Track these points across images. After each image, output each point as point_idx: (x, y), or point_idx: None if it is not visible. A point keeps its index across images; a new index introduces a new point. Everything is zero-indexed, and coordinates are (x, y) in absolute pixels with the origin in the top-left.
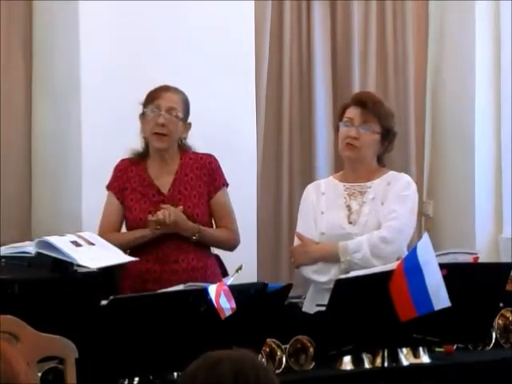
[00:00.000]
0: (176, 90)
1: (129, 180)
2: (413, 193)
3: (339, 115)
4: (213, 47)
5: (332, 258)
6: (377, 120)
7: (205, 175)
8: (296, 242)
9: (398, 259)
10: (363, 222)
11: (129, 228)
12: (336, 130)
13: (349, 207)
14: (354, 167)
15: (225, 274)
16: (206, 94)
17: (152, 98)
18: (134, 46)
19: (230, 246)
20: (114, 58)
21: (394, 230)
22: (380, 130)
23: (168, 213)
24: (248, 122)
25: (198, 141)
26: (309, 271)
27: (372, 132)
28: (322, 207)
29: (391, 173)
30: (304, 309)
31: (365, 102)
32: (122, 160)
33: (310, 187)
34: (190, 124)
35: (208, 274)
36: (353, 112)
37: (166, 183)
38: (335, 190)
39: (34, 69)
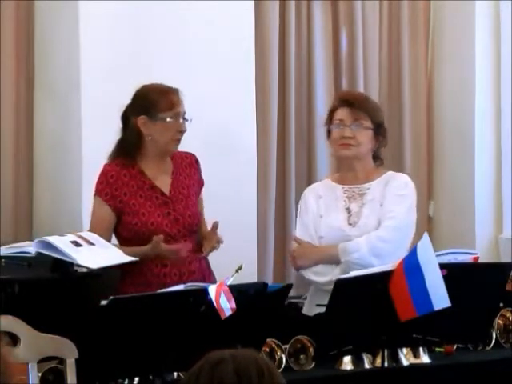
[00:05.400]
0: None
1: (125, 184)
2: (410, 192)
3: (328, 119)
4: (213, 47)
5: (332, 259)
6: (367, 116)
7: (194, 173)
8: (294, 245)
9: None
10: (363, 224)
11: (133, 232)
12: (328, 135)
13: (348, 210)
14: (351, 167)
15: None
16: (205, 93)
17: (171, 104)
18: (134, 45)
19: None
20: (114, 57)
21: (392, 229)
22: (372, 126)
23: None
24: (248, 122)
25: (198, 141)
26: (309, 273)
27: (365, 128)
28: (321, 211)
29: (389, 173)
30: (304, 310)
31: (352, 101)
32: (110, 165)
33: (306, 192)
34: None
35: (206, 275)
36: (342, 113)
37: (165, 184)
38: (333, 192)
39: (34, 69)
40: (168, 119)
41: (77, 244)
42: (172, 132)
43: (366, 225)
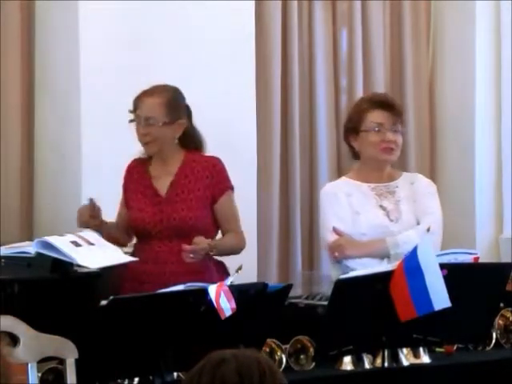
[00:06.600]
0: (156, 93)
1: (133, 181)
2: (436, 190)
3: (355, 120)
4: (213, 47)
5: (380, 252)
6: (400, 121)
7: (207, 177)
8: (330, 237)
9: None
10: (406, 220)
11: (128, 225)
12: (350, 134)
13: (383, 207)
14: (382, 167)
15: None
16: (206, 93)
17: (134, 106)
18: (133, 46)
19: (240, 250)
20: (114, 58)
21: (435, 223)
22: (402, 130)
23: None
24: (248, 121)
25: None
26: (355, 264)
27: (401, 133)
28: (356, 208)
29: (405, 173)
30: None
31: (391, 105)
32: (134, 160)
33: (331, 189)
34: (182, 123)
35: (205, 278)
36: (380, 116)
37: (164, 185)
38: (360, 190)
39: (34, 69)
40: (131, 121)
41: (76, 244)
42: (139, 135)
43: (408, 220)
